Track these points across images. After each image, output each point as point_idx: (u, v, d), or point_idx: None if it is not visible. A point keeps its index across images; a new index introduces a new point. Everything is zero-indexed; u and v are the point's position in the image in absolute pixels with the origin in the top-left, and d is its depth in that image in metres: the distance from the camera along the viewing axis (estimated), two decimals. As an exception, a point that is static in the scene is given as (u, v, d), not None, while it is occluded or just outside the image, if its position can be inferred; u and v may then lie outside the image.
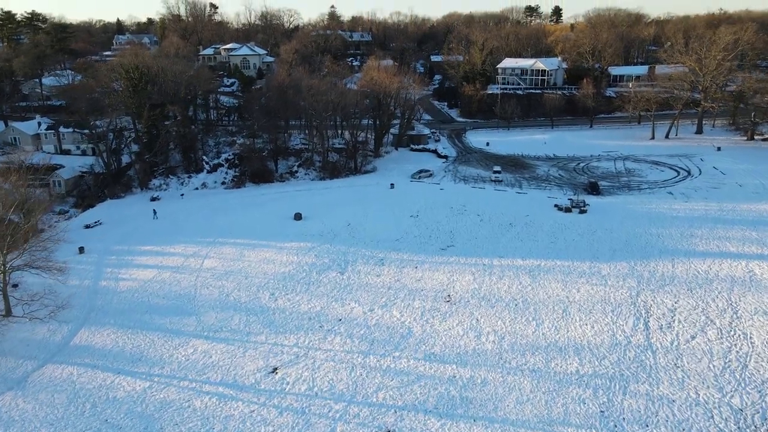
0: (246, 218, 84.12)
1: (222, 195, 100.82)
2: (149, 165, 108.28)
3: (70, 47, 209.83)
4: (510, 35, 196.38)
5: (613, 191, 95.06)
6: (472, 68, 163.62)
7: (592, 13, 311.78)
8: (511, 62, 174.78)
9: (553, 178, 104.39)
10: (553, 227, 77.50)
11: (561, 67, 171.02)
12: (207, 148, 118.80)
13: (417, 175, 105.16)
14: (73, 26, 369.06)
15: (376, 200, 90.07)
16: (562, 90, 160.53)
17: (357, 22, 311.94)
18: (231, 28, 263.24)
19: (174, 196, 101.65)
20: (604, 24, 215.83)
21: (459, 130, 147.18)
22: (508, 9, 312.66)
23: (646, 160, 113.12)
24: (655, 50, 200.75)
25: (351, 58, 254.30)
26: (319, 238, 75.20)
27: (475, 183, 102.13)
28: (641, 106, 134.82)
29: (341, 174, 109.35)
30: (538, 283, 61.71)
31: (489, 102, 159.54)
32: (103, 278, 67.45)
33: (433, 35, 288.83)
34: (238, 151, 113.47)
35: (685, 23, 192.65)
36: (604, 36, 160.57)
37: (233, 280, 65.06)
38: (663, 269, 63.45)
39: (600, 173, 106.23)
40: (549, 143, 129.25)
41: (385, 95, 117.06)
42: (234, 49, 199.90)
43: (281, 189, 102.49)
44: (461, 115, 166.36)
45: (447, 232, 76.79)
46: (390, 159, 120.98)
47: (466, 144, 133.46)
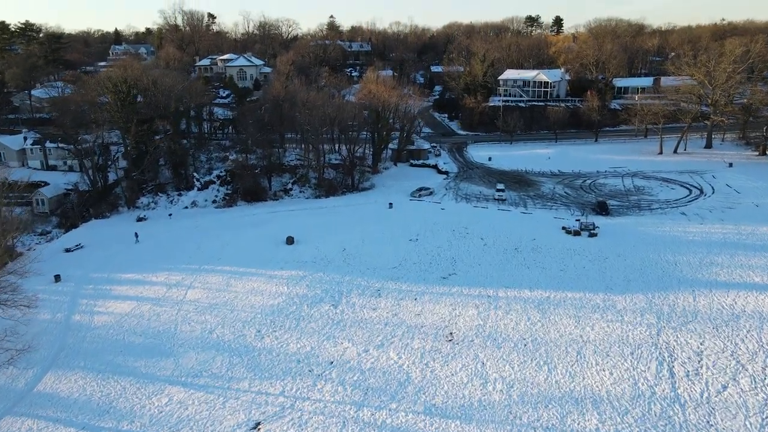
0: (235, 242, 78.88)
1: (212, 215, 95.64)
2: (137, 182, 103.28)
3: (65, 58, 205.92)
4: (511, 46, 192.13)
5: (622, 211, 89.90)
6: (473, 80, 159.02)
7: (593, 23, 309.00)
8: (513, 74, 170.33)
9: (559, 196, 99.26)
10: (561, 253, 72.25)
11: (564, 78, 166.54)
12: (199, 164, 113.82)
13: (417, 193, 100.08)
14: (71, 36, 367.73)
15: (374, 222, 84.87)
16: (566, 102, 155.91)
17: (356, 32, 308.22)
18: (229, 38, 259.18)
19: (162, 215, 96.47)
20: (607, 34, 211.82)
21: (460, 144, 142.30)
22: (508, 19, 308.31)
23: (655, 177, 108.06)
24: (658, 61, 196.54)
25: (350, 69, 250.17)
26: (312, 266, 69.93)
27: (478, 202, 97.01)
28: (648, 119, 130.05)
29: (337, 192, 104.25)
30: (548, 318, 56.38)
31: (491, 114, 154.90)
32: (77, 311, 62.11)
33: (433, 45, 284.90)
34: (231, 167, 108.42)
35: (689, 34, 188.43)
36: (608, 47, 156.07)
37: (218, 314, 59.74)
38: (684, 303, 58.15)
39: (608, 191, 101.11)
40: (553, 158, 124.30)
41: (383, 109, 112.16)
42: (230, 60, 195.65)
43: (274, 208, 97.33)
44: (462, 128, 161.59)
45: (448, 259, 71.54)
46: (389, 175, 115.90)
47: (468, 159, 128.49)
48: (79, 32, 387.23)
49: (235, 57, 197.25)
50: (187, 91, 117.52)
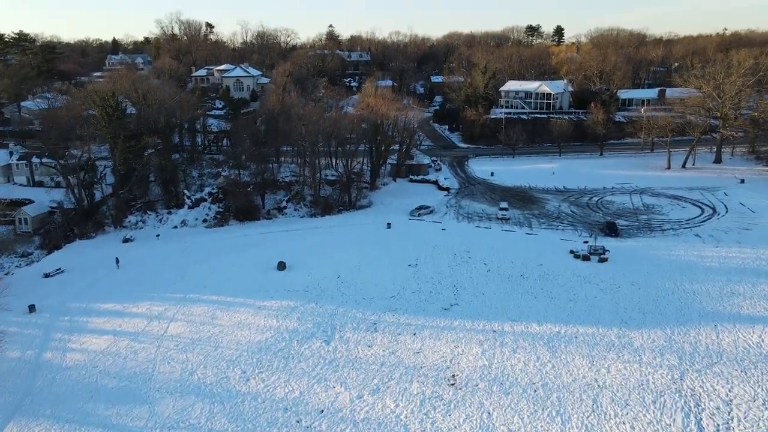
0: (223, 267, 74.08)
1: (202, 236, 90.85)
2: (125, 201, 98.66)
3: (59, 68, 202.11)
4: (513, 56, 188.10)
5: (632, 232, 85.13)
6: (474, 92, 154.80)
7: (595, 33, 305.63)
8: (515, 85, 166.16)
9: (565, 215, 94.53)
10: (570, 280, 67.48)
11: (567, 90, 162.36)
12: (190, 180, 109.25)
13: (416, 212, 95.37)
14: (69, 45, 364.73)
15: (371, 244, 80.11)
16: (569, 114, 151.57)
17: (356, 41, 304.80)
18: (227, 48, 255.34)
19: (150, 236, 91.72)
20: (609, 44, 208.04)
21: (461, 158, 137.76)
22: (509, 28, 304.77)
23: (664, 194, 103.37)
24: (662, 71, 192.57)
25: (349, 79, 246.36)
26: (304, 295, 65.13)
27: (480, 221, 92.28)
28: (655, 133, 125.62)
29: (333, 210, 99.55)
30: (559, 358, 51.50)
31: (492, 127, 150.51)
32: (49, 348, 57.28)
33: (434, 55, 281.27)
34: (224, 184, 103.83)
35: (693, 45, 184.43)
36: (612, 58, 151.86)
37: (200, 351, 54.87)
38: (706, 341, 53.28)
39: (616, 210, 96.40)
40: (557, 173, 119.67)
41: (382, 124, 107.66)
42: (227, 71, 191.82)
43: (267, 228, 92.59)
44: (463, 140, 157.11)
45: (450, 287, 66.75)
46: (387, 192, 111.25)
47: (469, 174, 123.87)
48: (77, 41, 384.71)
49: (232, 67, 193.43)
50: (179, 105, 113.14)
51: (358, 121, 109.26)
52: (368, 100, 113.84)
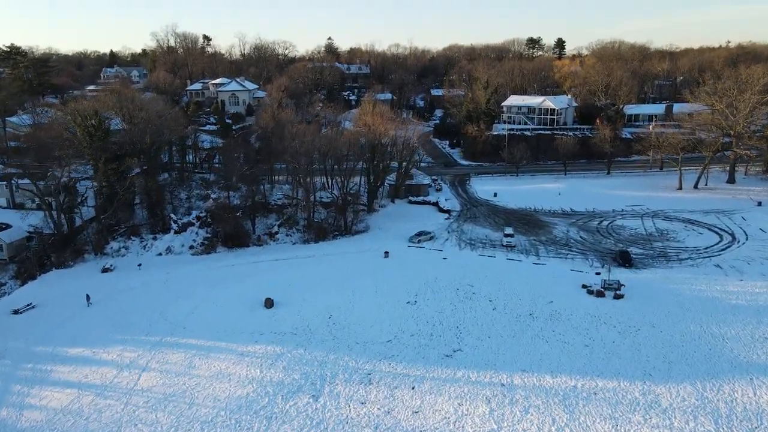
0: (206, 305, 67.78)
1: (187, 265, 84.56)
2: (107, 226, 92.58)
3: (52, 82, 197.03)
4: (514, 70, 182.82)
5: (647, 262, 78.97)
6: (476, 107, 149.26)
7: (596, 45, 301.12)
8: (517, 100, 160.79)
9: (574, 242, 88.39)
10: (584, 320, 61.26)
11: (571, 105, 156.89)
12: (178, 202, 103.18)
13: (416, 238, 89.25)
14: (67, 57, 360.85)
15: (366, 276, 73.86)
16: (574, 131, 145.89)
17: (355, 53, 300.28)
18: (225, 61, 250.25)
19: (132, 264, 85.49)
20: (612, 57, 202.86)
21: (462, 176, 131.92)
22: (509, 41, 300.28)
23: (678, 218, 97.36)
24: (667, 85, 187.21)
25: (348, 92, 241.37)
26: (292, 339, 58.86)
27: (484, 248, 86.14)
28: (665, 151, 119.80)
29: (328, 236, 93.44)
30: (577, 421, 45.16)
31: (494, 144, 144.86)
32: (6, 403, 50.89)
33: (434, 67, 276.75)
34: (212, 207, 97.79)
35: (700, 58, 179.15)
36: (618, 73, 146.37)
37: (173, 410, 48.48)
38: (743, 399, 46.98)
39: (628, 236, 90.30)
40: (564, 194, 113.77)
41: (380, 144, 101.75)
42: (222, 85, 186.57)
43: (257, 256, 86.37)
44: (464, 157, 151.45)
45: (452, 328, 60.50)
46: (385, 214, 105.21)
47: (471, 194, 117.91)
48: (76, 53, 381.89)
49: (228, 81, 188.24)
50: (167, 124, 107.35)
51: (355, 140, 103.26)
52: (366, 119, 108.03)
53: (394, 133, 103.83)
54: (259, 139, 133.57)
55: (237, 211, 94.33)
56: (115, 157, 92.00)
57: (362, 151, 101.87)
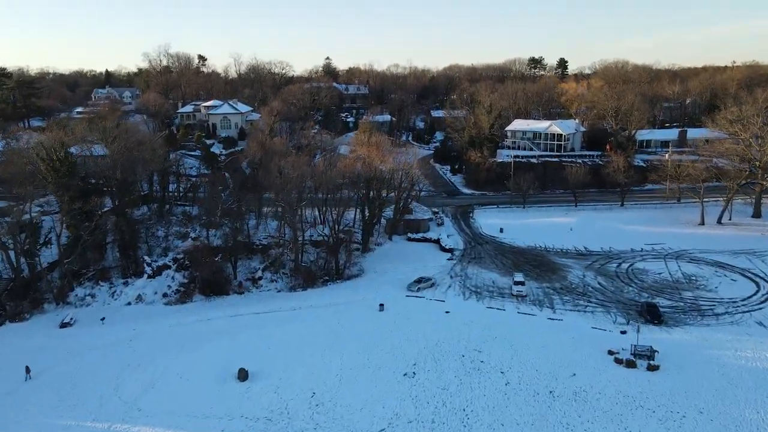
0: (169, 376, 57.51)
1: (157, 318, 74.42)
2: (71, 271, 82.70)
3: (37, 104, 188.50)
4: (518, 92, 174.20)
5: (679, 318, 68.85)
6: (479, 133, 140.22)
7: (600, 65, 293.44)
8: (522, 124, 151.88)
9: (593, 290, 78.34)
10: (615, 402, 50.94)
11: (579, 130, 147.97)
12: (155, 241, 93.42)
13: (415, 286, 79.22)
14: (63, 76, 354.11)
15: (358, 338, 63.65)
16: (583, 158, 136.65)
17: (353, 73, 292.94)
18: (219, 81, 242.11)
19: (94, 318, 75.35)
20: (618, 79, 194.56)
21: (465, 208, 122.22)
22: (510, 60, 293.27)
23: (705, 260, 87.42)
24: (676, 108, 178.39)
25: (345, 113, 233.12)
26: (266, 426, 48.51)
27: (491, 298, 76.14)
28: (684, 181, 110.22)
29: (317, 282, 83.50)
30: None
31: (499, 171, 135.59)
32: None
33: (434, 88, 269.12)
34: (191, 248, 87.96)
35: (711, 80, 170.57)
36: (629, 97, 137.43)
37: None
38: None
39: (652, 282, 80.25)
40: (576, 229, 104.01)
41: (375, 178, 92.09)
42: (214, 107, 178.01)
43: (237, 308, 76.21)
44: (467, 185, 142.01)
45: (457, 411, 50.17)
46: (382, 254, 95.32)
47: (475, 229, 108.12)
48: (72, 72, 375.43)
49: (219, 104, 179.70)
50: (144, 155, 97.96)
51: (350, 171, 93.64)
52: (360, 150, 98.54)
53: (391, 166, 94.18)
54: (249, 167, 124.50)
55: (216, 255, 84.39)
56: (81, 194, 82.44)
57: (357, 185, 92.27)
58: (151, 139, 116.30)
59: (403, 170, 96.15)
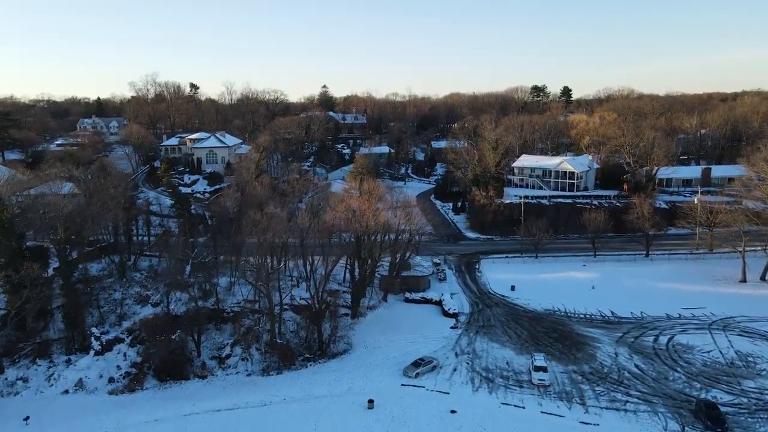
0: None
1: (94, 417, 59.58)
2: (7, 345, 68.44)
3: (14, 137, 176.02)
4: (524, 125, 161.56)
5: (746, 424, 54.09)
6: (484, 171, 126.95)
7: (604, 93, 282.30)
8: (530, 160, 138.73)
9: (630, 376, 63.55)
10: None
11: (592, 167, 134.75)
12: (110, 305, 79.28)
13: (413, 370, 64.44)
14: (56, 103, 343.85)
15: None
16: (599, 200, 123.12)
17: (351, 102, 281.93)
18: (211, 111, 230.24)
19: (20, 411, 60.66)
20: (629, 110, 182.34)
21: (471, 257, 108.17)
22: (512, 88, 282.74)
23: (757, 332, 72.92)
24: (694, 141, 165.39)
25: (342, 144, 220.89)
26: None
27: (507, 387, 61.44)
28: (720, 225, 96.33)
29: (296, 361, 68.96)
30: None
31: (506, 214, 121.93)
32: None
33: (434, 117, 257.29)
34: (150, 317, 73.69)
35: (732, 113, 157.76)
36: (648, 132, 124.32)
37: None
38: None
39: (701, 365, 65.45)
40: (598, 286, 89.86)
41: (367, 234, 78.01)
42: (200, 140, 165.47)
43: (193, 403, 61.34)
44: (471, 228, 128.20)
45: None
46: (375, 321, 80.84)
47: (483, 285, 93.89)
48: (67, 99, 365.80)
49: (206, 136, 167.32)
50: (107, 199, 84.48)
51: (336, 231, 79.71)
52: (349, 201, 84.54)
53: (384, 224, 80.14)
54: (224, 217, 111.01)
55: (178, 327, 69.90)
56: (15, 258, 68.55)
57: (346, 246, 78.32)
58: (119, 181, 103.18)
59: (401, 223, 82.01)
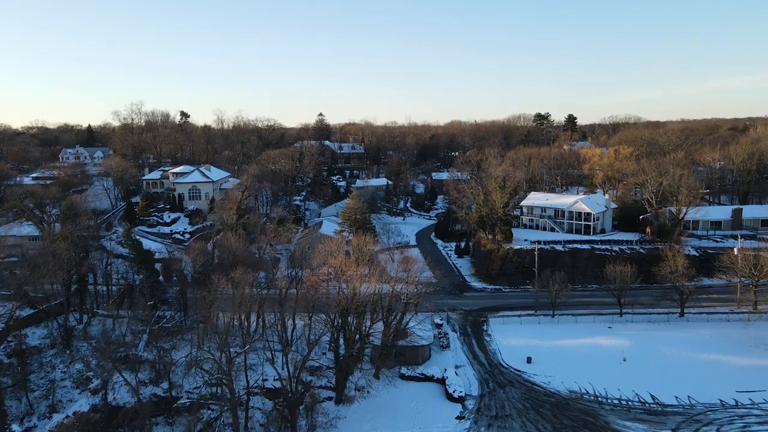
0: None
1: None
2: None
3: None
4: (531, 158, 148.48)
5: None
6: (491, 212, 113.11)
7: (609, 121, 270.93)
8: (540, 199, 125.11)
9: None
10: None
11: (609, 207, 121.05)
12: (43, 389, 64.67)
13: (410, 494, 49.79)
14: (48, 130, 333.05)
15: None
16: (619, 245, 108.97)
17: (348, 130, 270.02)
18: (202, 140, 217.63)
19: None
20: (642, 141, 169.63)
21: (477, 315, 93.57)
22: (515, 116, 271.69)
23: (839, 431, 58.08)
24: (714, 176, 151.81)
25: (338, 176, 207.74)
26: None
27: None
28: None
29: (262, 475, 54.15)
30: None
31: (517, 261, 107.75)
32: None
33: (435, 147, 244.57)
34: (84, 412, 59.01)
35: (756, 146, 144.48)
36: (673, 170, 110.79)
37: None
38: None
39: (779, 485, 50.73)
40: (631, 358, 75.11)
41: (354, 303, 63.57)
42: (182, 175, 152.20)
43: None
44: (477, 276, 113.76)
45: None
46: (363, 409, 65.83)
47: (492, 355, 79.05)
48: (60, 125, 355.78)
49: (190, 170, 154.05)
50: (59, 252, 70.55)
51: (318, 303, 65.28)
52: (332, 261, 70.05)
53: (374, 294, 65.62)
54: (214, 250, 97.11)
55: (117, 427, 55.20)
56: None
57: (329, 321, 63.87)
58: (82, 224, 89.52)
59: (397, 285, 67.48)
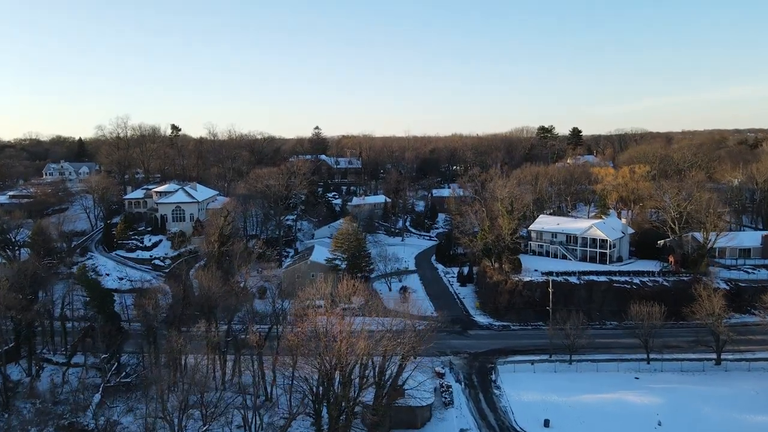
0: None
1: None
2: None
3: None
4: (539, 177, 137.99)
5: None
6: (497, 240, 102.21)
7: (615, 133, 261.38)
8: (550, 223, 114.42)
9: None
10: None
11: (626, 233, 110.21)
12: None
13: None
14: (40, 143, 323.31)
15: None
16: (640, 277, 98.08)
17: (345, 143, 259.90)
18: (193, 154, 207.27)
19: None
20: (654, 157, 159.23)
21: (483, 359, 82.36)
22: (518, 129, 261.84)
23: None
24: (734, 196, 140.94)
25: (333, 193, 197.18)
26: None
27: None
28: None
29: None
30: None
31: (526, 295, 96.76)
32: None
33: (435, 161, 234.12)
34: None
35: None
36: (699, 194, 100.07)
37: None
38: None
39: None
40: (666, 421, 63.92)
41: (341, 368, 52.17)
42: (166, 194, 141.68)
43: None
44: (482, 309, 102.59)
45: None
46: (351, 491, 54.84)
47: (503, 415, 67.60)
48: (53, 137, 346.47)
49: (175, 188, 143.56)
50: None
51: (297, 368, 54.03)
52: (313, 317, 58.39)
53: (366, 358, 54.37)
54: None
55: None
56: None
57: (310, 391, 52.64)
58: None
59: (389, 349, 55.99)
